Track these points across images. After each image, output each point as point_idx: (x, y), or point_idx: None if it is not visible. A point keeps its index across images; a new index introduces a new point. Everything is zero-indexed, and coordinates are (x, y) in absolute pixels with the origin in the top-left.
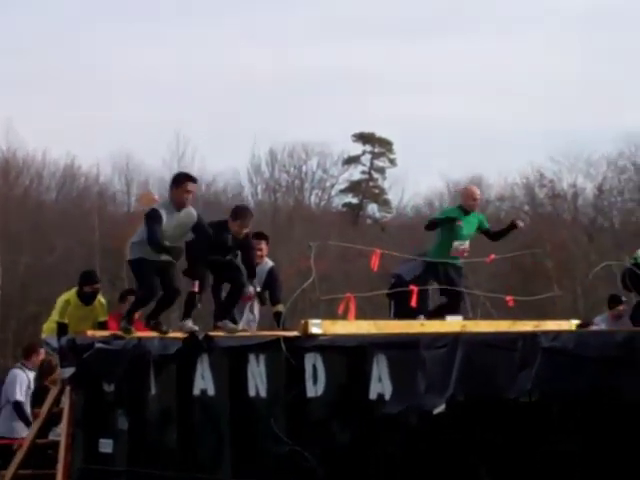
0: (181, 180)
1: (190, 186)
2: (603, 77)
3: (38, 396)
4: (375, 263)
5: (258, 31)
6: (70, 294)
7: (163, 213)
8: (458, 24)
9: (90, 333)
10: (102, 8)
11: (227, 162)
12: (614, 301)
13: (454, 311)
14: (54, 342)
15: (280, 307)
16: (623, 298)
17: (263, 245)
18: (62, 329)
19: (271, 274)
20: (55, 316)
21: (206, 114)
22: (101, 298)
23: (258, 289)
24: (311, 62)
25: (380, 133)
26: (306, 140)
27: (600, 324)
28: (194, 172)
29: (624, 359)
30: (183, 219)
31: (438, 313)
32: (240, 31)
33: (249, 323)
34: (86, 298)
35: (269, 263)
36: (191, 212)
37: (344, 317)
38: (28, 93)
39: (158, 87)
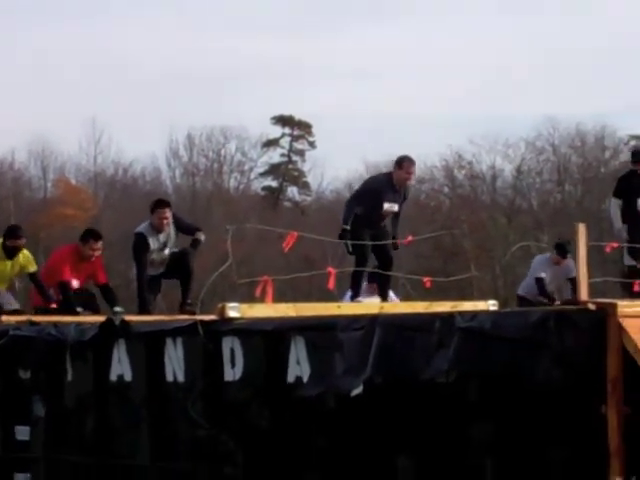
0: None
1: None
2: (522, 61)
3: None
4: (288, 245)
5: (177, 16)
6: None
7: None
8: (378, 9)
9: (5, 319)
10: None
11: (145, 147)
12: (560, 250)
13: None
14: None
15: (199, 235)
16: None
17: (168, 213)
18: None
19: (175, 221)
20: None
21: (123, 99)
22: (25, 251)
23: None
24: (229, 46)
25: (299, 116)
26: (224, 124)
27: (541, 263)
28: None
29: (539, 339)
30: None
31: None
32: (159, 15)
33: None
34: (9, 252)
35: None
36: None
37: (262, 300)
38: None
39: (74, 72)
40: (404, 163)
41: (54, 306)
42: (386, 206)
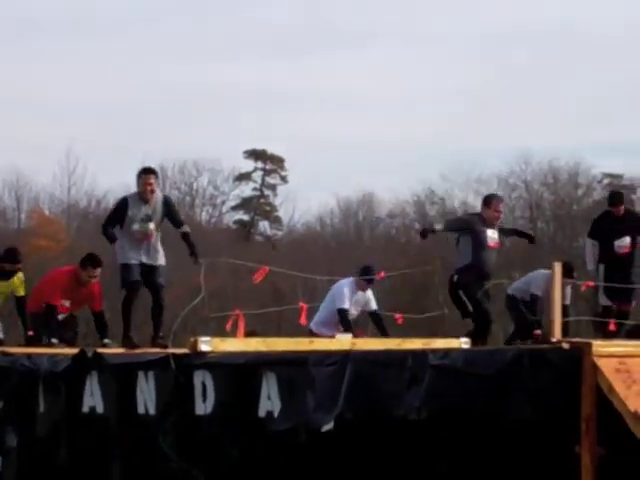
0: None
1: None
2: (495, 95)
3: None
4: (259, 277)
5: (145, 48)
6: None
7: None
8: (349, 40)
9: None
10: None
11: (118, 178)
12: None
13: None
14: None
15: (186, 227)
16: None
17: (152, 179)
18: None
19: (167, 203)
20: None
21: (96, 130)
22: (20, 275)
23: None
24: (201, 79)
25: (272, 150)
26: (197, 156)
27: (544, 280)
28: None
29: (512, 377)
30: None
31: None
32: (135, 45)
33: (158, 257)
34: (5, 274)
35: (159, 194)
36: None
37: (234, 334)
38: None
39: (48, 103)
40: (493, 201)
41: (30, 333)
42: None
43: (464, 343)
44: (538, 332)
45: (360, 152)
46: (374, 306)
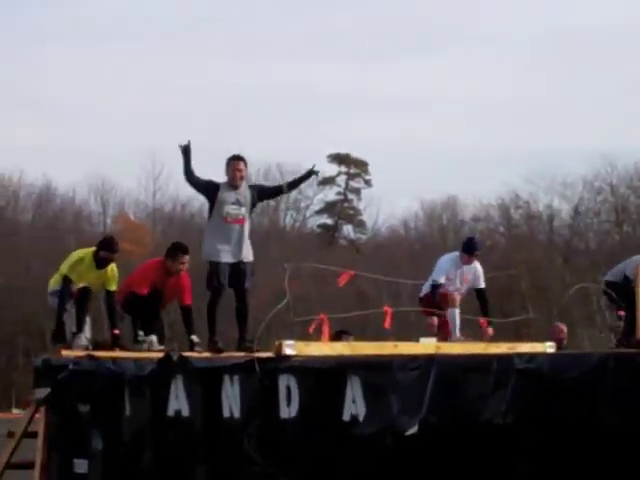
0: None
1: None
2: (580, 99)
3: None
4: (343, 281)
5: (224, 50)
6: (86, 252)
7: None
8: (432, 46)
9: (64, 354)
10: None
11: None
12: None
13: None
14: (55, 300)
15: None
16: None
17: (242, 166)
18: (66, 283)
19: (254, 187)
20: (64, 269)
21: (180, 135)
22: (114, 267)
23: None
24: (283, 81)
25: (356, 154)
26: (281, 160)
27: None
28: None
29: (599, 381)
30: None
31: None
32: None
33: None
34: (101, 262)
35: (246, 184)
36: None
37: (318, 338)
38: (4, 115)
39: (131, 109)
40: None
41: (116, 332)
42: None
43: (549, 347)
44: (621, 312)
45: (443, 155)
46: (481, 284)
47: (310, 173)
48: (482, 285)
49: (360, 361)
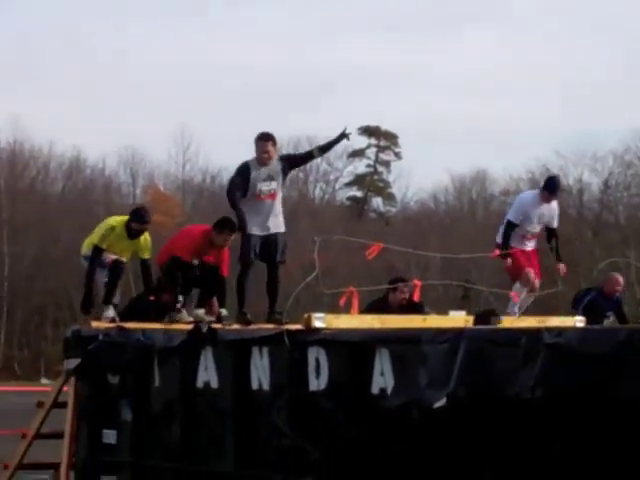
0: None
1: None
2: (610, 74)
3: None
4: (372, 254)
5: (265, 29)
6: (118, 221)
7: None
8: (462, 21)
9: (94, 324)
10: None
11: (232, 155)
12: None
13: None
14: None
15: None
16: None
17: (269, 146)
18: (97, 253)
19: (283, 158)
20: (96, 237)
21: (211, 108)
22: (147, 236)
23: None
24: (313, 59)
25: (386, 126)
26: (311, 133)
27: None
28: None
29: (627, 356)
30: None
31: None
32: (248, 24)
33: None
34: (132, 232)
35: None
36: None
37: (347, 311)
38: (34, 87)
39: (161, 82)
40: None
41: (152, 298)
42: None
43: (579, 322)
44: None
45: (474, 129)
46: (555, 223)
47: (341, 136)
48: (555, 225)
49: (389, 334)
